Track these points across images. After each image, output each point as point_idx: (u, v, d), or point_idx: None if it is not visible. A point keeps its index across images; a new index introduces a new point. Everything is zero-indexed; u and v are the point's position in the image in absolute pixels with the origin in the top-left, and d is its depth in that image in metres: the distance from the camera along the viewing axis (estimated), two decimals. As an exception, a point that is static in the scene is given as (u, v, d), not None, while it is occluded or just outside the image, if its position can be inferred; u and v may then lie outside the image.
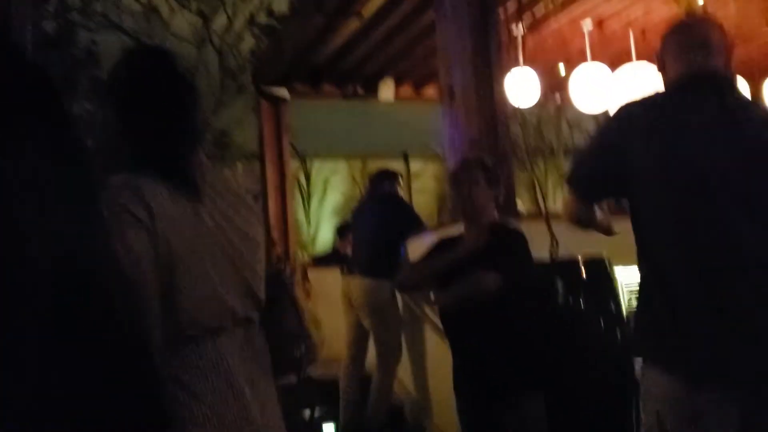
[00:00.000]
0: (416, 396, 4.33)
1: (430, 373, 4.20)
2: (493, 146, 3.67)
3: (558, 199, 6.11)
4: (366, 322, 4.21)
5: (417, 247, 4.02)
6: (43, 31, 5.95)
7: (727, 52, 1.81)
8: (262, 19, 6.19)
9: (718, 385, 1.61)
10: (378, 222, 4.22)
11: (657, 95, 1.84)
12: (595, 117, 6.25)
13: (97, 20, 5.99)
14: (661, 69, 1.87)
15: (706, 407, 1.60)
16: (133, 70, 1.40)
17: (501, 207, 2.84)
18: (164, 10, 6.03)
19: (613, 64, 5.47)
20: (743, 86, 5.05)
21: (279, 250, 5.03)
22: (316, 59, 5.67)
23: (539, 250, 3.30)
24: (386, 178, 4.42)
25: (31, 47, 4.33)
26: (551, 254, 3.43)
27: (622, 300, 3.37)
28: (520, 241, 2.71)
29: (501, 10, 4.28)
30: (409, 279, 2.90)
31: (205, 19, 6.02)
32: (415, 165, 6.49)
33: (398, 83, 6.16)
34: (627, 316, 3.29)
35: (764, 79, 5.45)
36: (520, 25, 4.73)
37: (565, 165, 6.46)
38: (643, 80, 4.79)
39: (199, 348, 1.27)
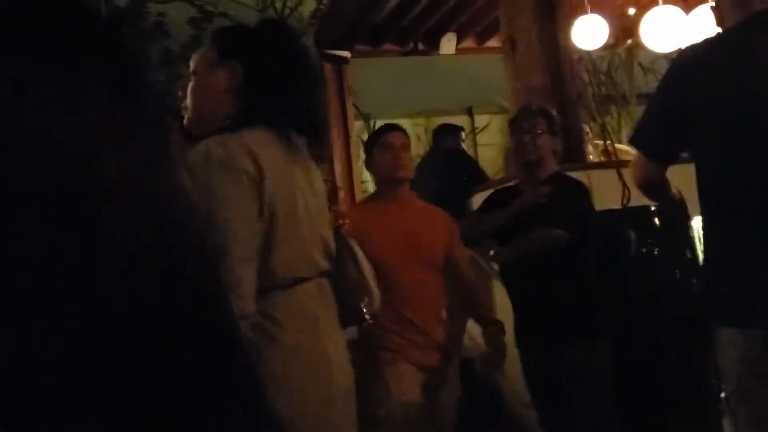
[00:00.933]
0: (486, 349, 4.34)
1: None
2: (558, 96, 3.58)
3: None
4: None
5: (482, 201, 3.99)
6: (114, 6, 6.11)
7: None
8: (322, -22, 6.16)
9: None
10: (442, 176, 4.21)
11: (717, 36, 1.74)
12: (669, 58, 5.98)
13: (166, -9, 6.10)
14: (720, 23, 1.76)
15: None
16: (271, 37, 1.48)
17: (571, 148, 2.79)
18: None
19: (686, 4, 5.20)
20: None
21: (344, 207, 5.09)
22: (376, 18, 5.61)
23: (612, 200, 3.22)
24: (449, 132, 4.39)
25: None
26: (623, 203, 3.33)
27: (698, 248, 3.26)
28: (582, 191, 2.64)
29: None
30: (467, 233, 2.83)
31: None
32: (480, 119, 6.38)
33: (460, 37, 6.03)
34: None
35: None
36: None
37: (639, 111, 6.22)
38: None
39: (287, 293, 1.37)
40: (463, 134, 4.49)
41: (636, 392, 2.80)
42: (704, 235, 1.80)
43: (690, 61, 1.72)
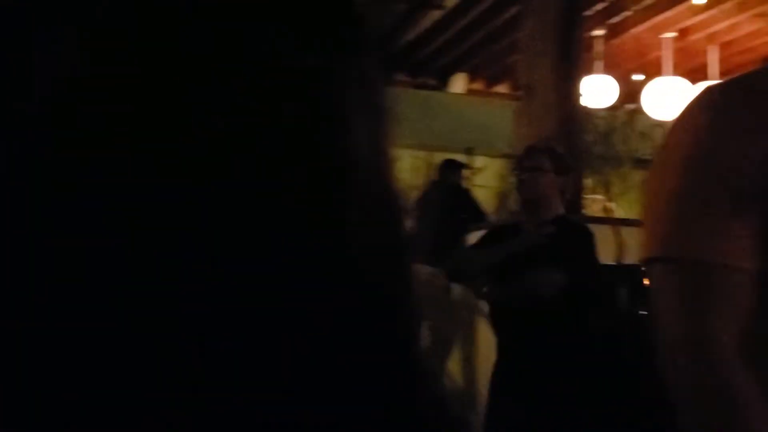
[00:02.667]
0: (463, 387, 4.35)
1: (479, 366, 4.22)
2: (566, 146, 3.66)
3: (623, 207, 6.03)
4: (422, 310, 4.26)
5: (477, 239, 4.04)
6: None
7: None
8: (343, 3, 6.25)
9: None
10: (442, 211, 4.25)
11: (756, 74, 1.69)
12: (666, 127, 6.15)
13: None
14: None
15: None
16: None
17: (568, 200, 2.62)
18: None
19: (691, 77, 5.38)
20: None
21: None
22: (392, 47, 5.71)
23: (604, 255, 3.28)
24: (453, 168, 4.44)
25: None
26: (617, 259, 3.40)
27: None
28: (587, 238, 2.48)
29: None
30: (461, 268, 2.70)
31: None
32: (479, 161, 6.48)
33: (470, 78, 6.16)
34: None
35: None
36: (601, 30, 4.69)
37: (632, 175, 6.36)
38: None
39: None
40: (465, 172, 4.56)
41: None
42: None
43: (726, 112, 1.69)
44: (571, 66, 3.82)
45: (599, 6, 4.50)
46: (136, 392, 0.26)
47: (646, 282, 2.87)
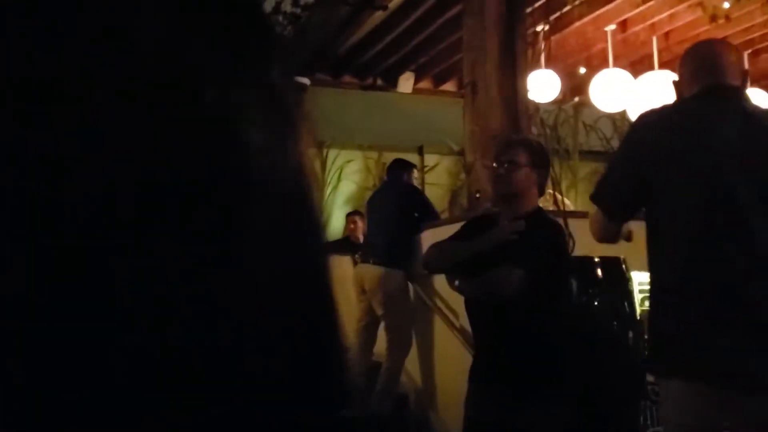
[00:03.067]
0: (422, 386, 4.36)
1: (437, 363, 4.24)
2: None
3: (571, 199, 6.12)
4: (378, 310, 4.25)
5: (430, 238, 4.05)
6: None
7: (742, 75, 1.83)
8: (288, 7, 6.20)
9: (739, 392, 1.62)
10: (394, 211, 4.25)
11: (676, 104, 1.85)
12: (612, 119, 6.28)
13: None
14: (680, 97, 1.88)
15: (729, 415, 1.62)
16: None
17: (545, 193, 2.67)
18: None
19: (634, 68, 5.49)
20: (765, 98, 5.05)
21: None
22: (338, 49, 5.69)
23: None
24: (403, 168, 4.45)
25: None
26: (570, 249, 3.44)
27: (636, 302, 3.38)
28: (560, 235, 2.50)
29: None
30: (435, 260, 2.68)
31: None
32: (430, 159, 6.51)
33: (418, 77, 6.17)
34: (640, 318, 3.31)
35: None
36: (544, 26, 4.75)
37: (580, 167, 6.46)
38: (665, 88, 4.82)
39: None
40: (415, 171, 4.56)
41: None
42: (651, 289, 1.86)
43: (651, 125, 1.79)
44: (514, 62, 3.85)
45: (541, 1, 4.55)
46: None
47: (598, 273, 2.89)
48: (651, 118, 1.84)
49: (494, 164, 2.52)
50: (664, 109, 1.85)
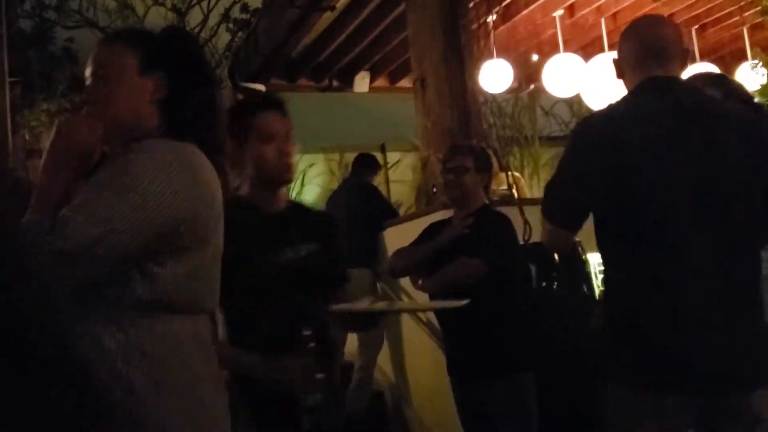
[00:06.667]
0: (395, 382, 4.39)
1: (408, 360, 4.27)
2: (466, 136, 3.73)
3: (533, 186, 6.18)
4: (345, 311, 4.26)
5: (394, 235, 4.08)
6: (19, 29, 5.93)
7: (683, 54, 1.83)
8: (236, 14, 6.19)
9: (680, 394, 1.63)
10: (353, 211, 4.27)
11: (616, 106, 1.84)
12: (569, 104, 6.35)
13: (73, 18, 5.98)
14: (620, 76, 1.87)
15: (670, 418, 1.62)
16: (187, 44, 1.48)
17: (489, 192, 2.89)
18: (139, 6, 6.03)
19: (586, 51, 5.55)
20: (713, 70, 5.13)
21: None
22: (291, 53, 5.69)
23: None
24: (365, 164, 4.43)
25: (8, 46, 4.33)
26: (524, 238, 3.48)
27: (594, 282, 3.44)
28: (505, 224, 2.72)
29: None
30: (398, 264, 2.89)
31: (180, 14, 6.02)
32: (393, 156, 6.54)
33: (373, 75, 6.19)
34: (598, 298, 3.36)
35: (736, 62, 5.52)
36: (492, 15, 4.78)
37: (541, 153, 6.52)
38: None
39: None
40: (377, 168, 4.58)
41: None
42: (605, 293, 1.88)
43: (594, 132, 1.77)
44: (460, 55, 3.88)
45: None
46: None
47: (555, 258, 2.93)
48: (592, 126, 1.80)
49: (442, 172, 2.80)
50: (604, 115, 1.84)
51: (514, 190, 3.86)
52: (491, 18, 4.78)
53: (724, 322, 1.64)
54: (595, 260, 3.51)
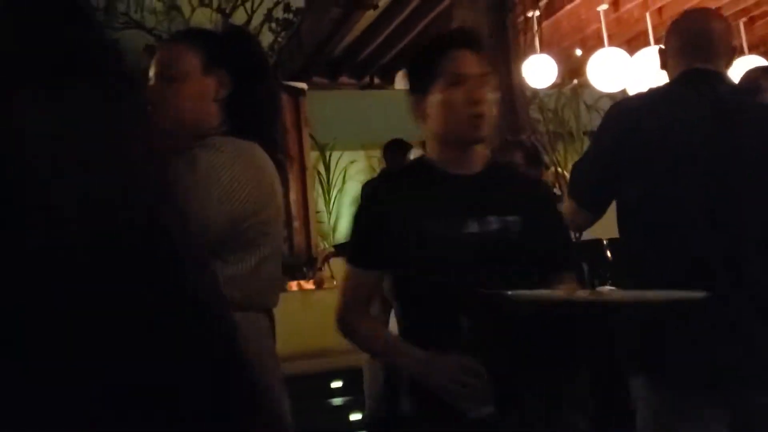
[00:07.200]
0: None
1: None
2: (513, 131, 3.70)
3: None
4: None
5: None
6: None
7: (728, 49, 1.80)
8: (279, 14, 6.24)
9: (708, 392, 1.61)
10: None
11: (650, 93, 1.84)
12: (613, 99, 6.25)
13: (121, 19, 6.09)
14: (663, 66, 1.86)
15: (698, 415, 1.60)
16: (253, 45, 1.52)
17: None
18: (185, 8, 6.11)
19: (630, 45, 5.47)
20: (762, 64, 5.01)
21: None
22: (333, 51, 5.71)
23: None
24: (393, 149, 4.30)
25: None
26: (575, 236, 3.44)
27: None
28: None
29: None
30: None
31: (225, 15, 6.09)
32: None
33: (415, 72, 6.18)
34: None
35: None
36: (536, 10, 4.74)
37: (585, 147, 6.42)
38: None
39: None
40: (413, 151, 4.49)
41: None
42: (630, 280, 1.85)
43: (623, 116, 1.77)
44: (507, 50, 3.85)
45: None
46: None
47: (608, 255, 2.88)
48: (624, 108, 1.82)
49: None
50: (637, 99, 1.85)
51: (556, 189, 3.82)
52: (536, 13, 4.74)
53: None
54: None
